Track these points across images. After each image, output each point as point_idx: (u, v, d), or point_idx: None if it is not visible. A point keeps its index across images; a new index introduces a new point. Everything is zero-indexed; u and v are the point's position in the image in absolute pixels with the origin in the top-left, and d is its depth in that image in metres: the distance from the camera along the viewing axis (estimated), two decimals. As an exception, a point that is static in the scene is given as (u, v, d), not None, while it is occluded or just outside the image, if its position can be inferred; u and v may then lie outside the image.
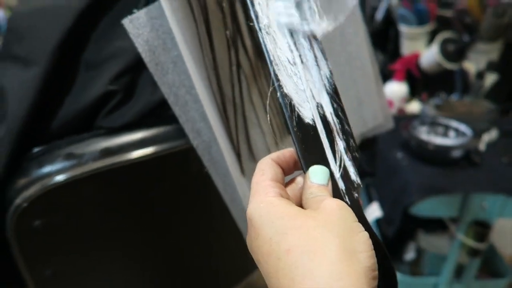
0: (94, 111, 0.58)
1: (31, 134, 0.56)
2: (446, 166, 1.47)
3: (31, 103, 0.52)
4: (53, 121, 0.57)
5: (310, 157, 0.35)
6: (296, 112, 0.34)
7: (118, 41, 0.56)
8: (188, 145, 0.58)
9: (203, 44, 0.52)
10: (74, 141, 0.58)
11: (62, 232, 0.64)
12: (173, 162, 0.61)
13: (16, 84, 0.52)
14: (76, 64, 0.55)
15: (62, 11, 0.50)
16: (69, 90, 0.56)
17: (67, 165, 0.56)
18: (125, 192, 0.62)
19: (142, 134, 0.59)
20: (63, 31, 0.51)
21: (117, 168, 0.59)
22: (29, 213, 0.58)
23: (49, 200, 0.59)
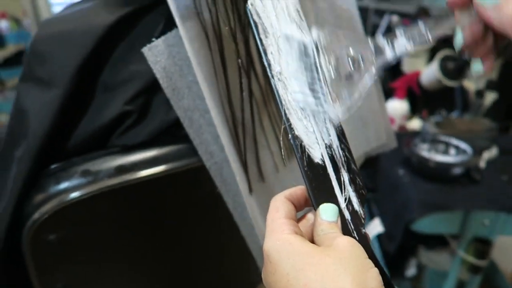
0: (110, 130, 0.60)
1: (49, 152, 0.58)
2: (447, 183, 1.49)
3: (50, 123, 0.55)
4: (71, 140, 0.60)
5: (320, 195, 0.37)
6: (306, 153, 0.37)
7: (133, 64, 0.59)
8: (199, 164, 0.61)
9: (217, 71, 0.55)
10: (90, 159, 0.60)
11: (75, 246, 0.66)
12: (185, 180, 0.63)
13: (38, 105, 0.54)
14: (94, 86, 0.58)
15: (83, 36, 0.53)
16: (86, 110, 0.58)
17: (83, 181, 0.59)
18: (137, 208, 0.64)
19: (155, 152, 0.62)
20: (83, 55, 0.53)
21: (131, 185, 0.61)
22: (45, 228, 0.60)
23: (64, 215, 0.61)
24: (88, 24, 0.53)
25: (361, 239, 0.38)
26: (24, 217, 0.59)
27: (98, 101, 0.58)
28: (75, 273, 0.68)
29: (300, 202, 0.41)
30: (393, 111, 1.90)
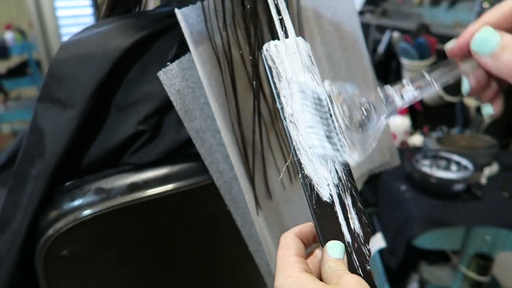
0: (123, 149, 0.62)
1: (65, 170, 0.60)
2: (448, 199, 1.50)
3: (67, 142, 0.57)
4: (85, 158, 0.62)
5: (328, 232, 0.39)
6: (315, 191, 0.39)
7: (146, 85, 0.61)
8: (209, 181, 0.63)
9: (227, 93, 0.58)
10: (103, 177, 0.62)
11: (87, 262, 0.67)
12: (195, 197, 0.65)
13: (54, 125, 0.56)
14: (108, 106, 0.60)
15: (100, 59, 0.55)
16: (101, 130, 0.61)
17: (97, 199, 0.60)
18: (148, 225, 0.66)
19: (167, 170, 0.63)
20: (100, 77, 0.55)
21: (142, 202, 0.63)
22: (59, 244, 0.62)
23: (78, 232, 0.63)
24: (105, 47, 0.55)
25: (366, 276, 0.40)
26: (38, 233, 0.61)
27: (112, 121, 0.60)
28: (84, 287, 0.69)
29: (309, 238, 0.43)
30: (394, 127, 1.92)
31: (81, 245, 0.65)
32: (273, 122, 0.63)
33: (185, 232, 0.69)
